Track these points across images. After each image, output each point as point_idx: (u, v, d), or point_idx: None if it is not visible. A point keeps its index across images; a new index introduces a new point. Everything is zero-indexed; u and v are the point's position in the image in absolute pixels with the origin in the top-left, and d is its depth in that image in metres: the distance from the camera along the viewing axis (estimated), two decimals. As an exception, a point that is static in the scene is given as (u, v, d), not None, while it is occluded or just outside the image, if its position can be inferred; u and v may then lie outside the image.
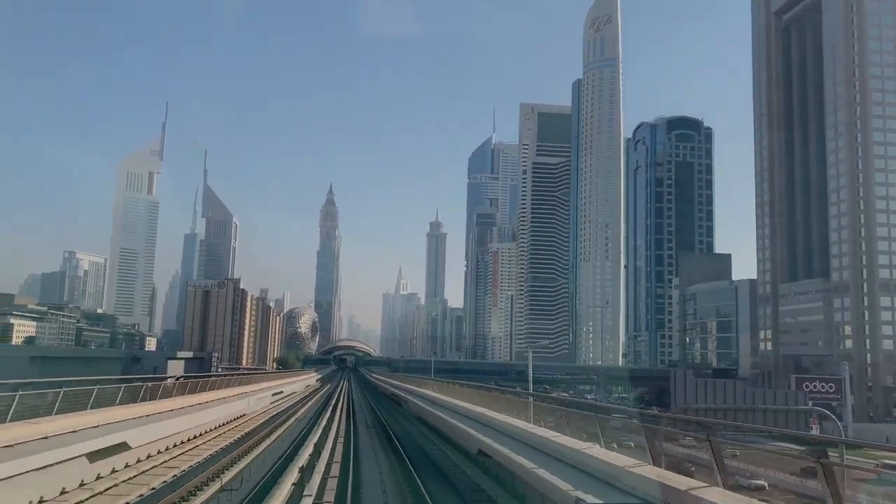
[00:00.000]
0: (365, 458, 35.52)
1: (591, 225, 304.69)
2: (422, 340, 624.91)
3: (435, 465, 33.92)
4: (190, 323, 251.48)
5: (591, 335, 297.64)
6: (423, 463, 33.49)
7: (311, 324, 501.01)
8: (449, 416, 36.45)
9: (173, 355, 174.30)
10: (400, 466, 31.62)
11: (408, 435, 46.59)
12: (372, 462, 34.26)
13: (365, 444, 41.03)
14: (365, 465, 32.75)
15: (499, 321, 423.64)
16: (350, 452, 34.86)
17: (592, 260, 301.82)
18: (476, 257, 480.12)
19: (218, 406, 36.89)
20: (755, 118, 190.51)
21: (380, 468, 32.14)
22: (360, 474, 29.59)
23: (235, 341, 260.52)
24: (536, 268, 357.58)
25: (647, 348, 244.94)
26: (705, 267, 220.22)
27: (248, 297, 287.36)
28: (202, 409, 33.98)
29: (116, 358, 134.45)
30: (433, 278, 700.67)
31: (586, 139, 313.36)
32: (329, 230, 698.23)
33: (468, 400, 35.99)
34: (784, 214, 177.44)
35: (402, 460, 33.09)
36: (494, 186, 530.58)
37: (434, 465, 33.93)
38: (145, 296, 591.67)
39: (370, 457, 36.05)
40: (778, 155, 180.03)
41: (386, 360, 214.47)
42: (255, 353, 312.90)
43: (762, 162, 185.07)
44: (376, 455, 36.78)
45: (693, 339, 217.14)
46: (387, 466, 32.72)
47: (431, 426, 44.00)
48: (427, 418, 46.46)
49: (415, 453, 36.65)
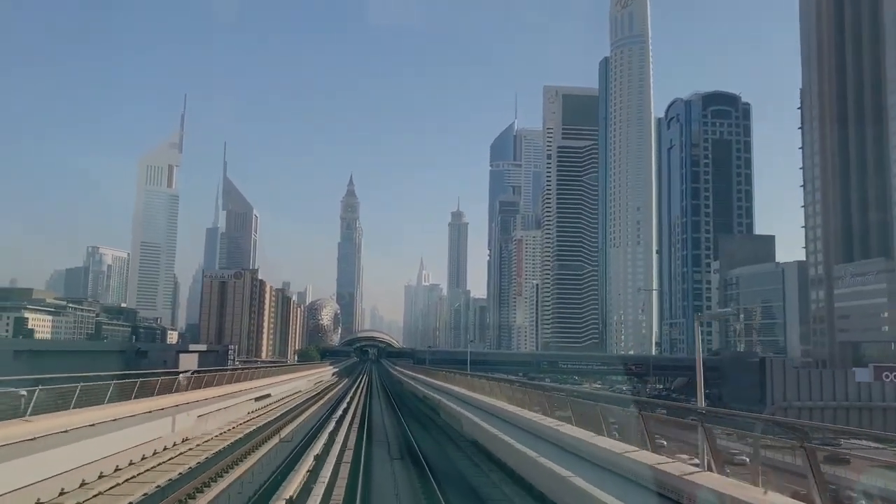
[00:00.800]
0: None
1: (621, 209, 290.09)
2: (445, 331, 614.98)
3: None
4: (207, 315, 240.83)
5: (623, 324, 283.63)
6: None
7: (333, 316, 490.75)
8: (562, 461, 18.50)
9: (185, 348, 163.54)
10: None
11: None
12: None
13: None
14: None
15: (524, 311, 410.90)
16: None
17: (623, 245, 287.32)
18: (499, 246, 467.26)
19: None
20: (804, 89, 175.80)
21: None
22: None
23: (254, 334, 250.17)
24: (563, 255, 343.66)
25: (684, 336, 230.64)
26: (747, 249, 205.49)
27: (267, 288, 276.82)
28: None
29: (119, 352, 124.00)
30: (455, 268, 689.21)
31: (615, 120, 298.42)
32: (350, 221, 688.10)
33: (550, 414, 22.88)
34: (837, 191, 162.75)
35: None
36: (517, 174, 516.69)
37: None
38: (168, 290, 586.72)
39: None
40: (830, 128, 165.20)
41: (410, 352, 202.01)
42: (276, 346, 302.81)
43: (812, 134, 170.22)
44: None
45: (735, 326, 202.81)
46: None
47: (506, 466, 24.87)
48: (504, 457, 25.56)
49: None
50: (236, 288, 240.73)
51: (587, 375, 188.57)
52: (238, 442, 29.31)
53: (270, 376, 53.80)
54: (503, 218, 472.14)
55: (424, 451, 30.45)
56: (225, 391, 34.12)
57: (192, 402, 27.78)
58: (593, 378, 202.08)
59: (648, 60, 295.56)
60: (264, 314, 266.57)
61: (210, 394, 31.61)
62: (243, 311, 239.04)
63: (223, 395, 33.18)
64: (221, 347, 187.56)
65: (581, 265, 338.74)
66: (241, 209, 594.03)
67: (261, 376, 49.08)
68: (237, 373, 41.18)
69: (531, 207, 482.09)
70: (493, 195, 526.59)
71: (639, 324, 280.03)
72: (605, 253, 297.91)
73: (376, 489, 22.98)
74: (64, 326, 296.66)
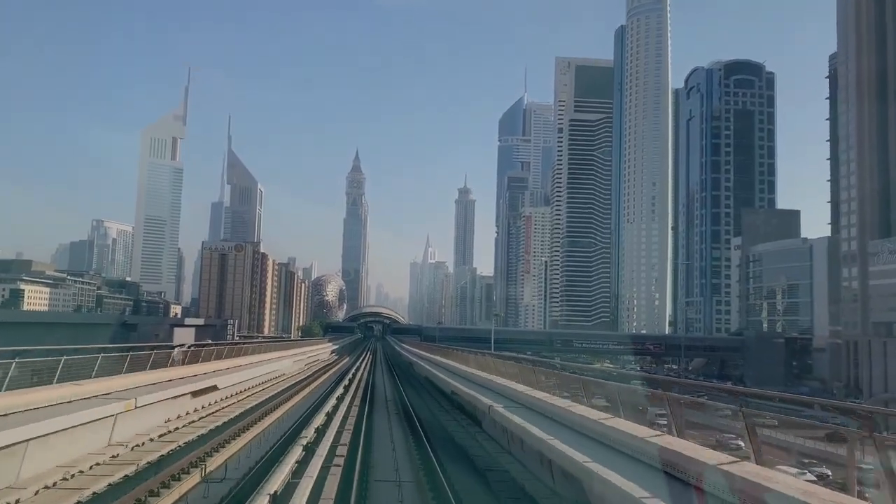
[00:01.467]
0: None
1: (636, 184, 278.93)
2: (450, 309, 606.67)
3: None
4: (206, 289, 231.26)
5: (636, 302, 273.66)
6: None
7: (339, 292, 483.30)
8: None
9: (181, 321, 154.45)
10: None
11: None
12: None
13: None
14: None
15: (532, 288, 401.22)
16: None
17: (637, 221, 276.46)
18: (507, 223, 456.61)
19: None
20: (838, 57, 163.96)
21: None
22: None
23: (256, 309, 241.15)
24: (573, 232, 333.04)
25: (701, 316, 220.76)
26: (771, 225, 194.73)
27: (270, 262, 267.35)
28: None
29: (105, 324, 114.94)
30: (462, 246, 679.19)
31: (630, 90, 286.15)
32: (356, 197, 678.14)
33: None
34: (875, 163, 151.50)
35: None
36: (526, 149, 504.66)
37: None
38: (172, 264, 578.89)
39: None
40: (866, 97, 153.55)
41: (416, 328, 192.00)
42: (279, 322, 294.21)
43: (847, 103, 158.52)
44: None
45: (757, 305, 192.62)
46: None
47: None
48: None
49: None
50: (237, 261, 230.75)
51: (600, 355, 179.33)
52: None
53: (242, 355, 42.60)
54: (511, 194, 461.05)
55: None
56: (143, 380, 23.82)
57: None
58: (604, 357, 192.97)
59: (667, 28, 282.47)
60: (266, 289, 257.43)
61: (111, 385, 21.55)
62: (244, 285, 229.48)
63: (128, 387, 22.79)
64: (220, 321, 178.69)
65: (592, 242, 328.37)
66: (245, 183, 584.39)
67: (230, 355, 38.49)
68: (190, 352, 30.67)
69: (540, 184, 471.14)
70: (501, 171, 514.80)
71: (652, 302, 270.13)
72: (618, 229, 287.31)
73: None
74: (62, 299, 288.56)
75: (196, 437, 23.52)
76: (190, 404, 27.24)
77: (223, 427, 25.73)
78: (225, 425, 26.25)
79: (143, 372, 25.05)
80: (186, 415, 26.66)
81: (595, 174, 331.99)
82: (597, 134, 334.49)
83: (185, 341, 78.41)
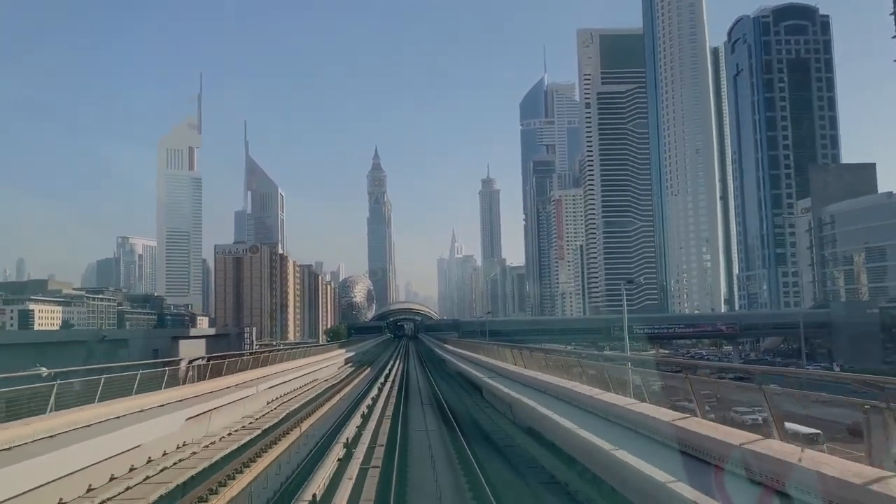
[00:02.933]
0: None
1: (678, 153, 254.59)
2: (481, 303, 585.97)
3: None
4: (222, 295, 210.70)
5: (685, 280, 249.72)
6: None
7: (367, 292, 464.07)
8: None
9: (185, 333, 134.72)
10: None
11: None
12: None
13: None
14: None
15: (567, 275, 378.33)
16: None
17: (682, 193, 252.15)
18: (536, 209, 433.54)
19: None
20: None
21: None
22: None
23: (277, 314, 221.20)
24: (609, 211, 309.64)
25: (766, 290, 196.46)
26: (844, 182, 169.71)
27: (290, 264, 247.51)
28: None
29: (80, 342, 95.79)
30: (489, 238, 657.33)
31: (664, 53, 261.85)
32: (378, 196, 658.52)
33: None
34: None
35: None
36: (550, 131, 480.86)
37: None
38: (198, 275, 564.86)
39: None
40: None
41: (452, 323, 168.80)
42: (305, 326, 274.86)
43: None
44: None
45: (835, 273, 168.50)
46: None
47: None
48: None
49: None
50: (252, 264, 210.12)
51: (660, 342, 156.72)
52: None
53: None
54: (538, 179, 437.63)
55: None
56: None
57: None
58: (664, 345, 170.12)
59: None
60: (289, 292, 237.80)
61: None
62: (262, 289, 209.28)
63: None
64: (235, 329, 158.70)
65: (630, 220, 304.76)
66: (265, 189, 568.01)
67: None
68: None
69: (567, 166, 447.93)
70: (525, 156, 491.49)
71: (704, 279, 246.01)
72: (661, 204, 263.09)
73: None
74: (78, 317, 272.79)
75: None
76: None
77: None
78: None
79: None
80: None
81: (629, 148, 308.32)
82: (628, 105, 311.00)
83: (194, 355, 58.54)
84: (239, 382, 32.18)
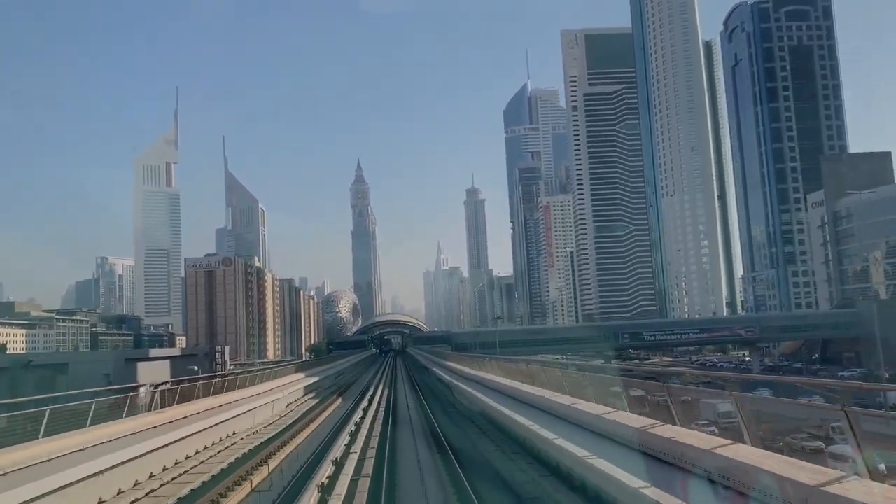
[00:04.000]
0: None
1: (672, 152, 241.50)
2: (469, 315, 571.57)
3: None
4: (194, 313, 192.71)
5: (685, 283, 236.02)
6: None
7: (352, 307, 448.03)
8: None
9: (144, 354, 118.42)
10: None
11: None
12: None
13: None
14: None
15: (558, 282, 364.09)
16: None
17: (679, 193, 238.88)
18: (523, 216, 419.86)
19: None
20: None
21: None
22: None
23: (255, 331, 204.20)
24: (600, 216, 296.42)
25: (775, 291, 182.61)
26: (859, 172, 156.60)
27: (268, 278, 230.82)
28: None
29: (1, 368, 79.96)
30: (475, 248, 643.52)
31: (655, 48, 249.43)
32: (361, 209, 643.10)
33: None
34: None
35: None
36: (535, 138, 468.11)
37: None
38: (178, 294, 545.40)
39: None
40: None
41: (444, 335, 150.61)
42: (286, 344, 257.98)
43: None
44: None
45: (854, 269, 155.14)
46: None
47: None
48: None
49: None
50: (226, 277, 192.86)
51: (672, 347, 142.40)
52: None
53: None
54: (524, 186, 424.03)
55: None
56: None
57: None
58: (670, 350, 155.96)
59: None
60: (267, 307, 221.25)
61: None
62: (237, 305, 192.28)
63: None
64: (202, 349, 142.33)
65: (623, 224, 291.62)
66: (245, 204, 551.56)
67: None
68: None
69: (553, 172, 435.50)
70: (510, 164, 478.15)
71: (704, 282, 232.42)
72: (657, 205, 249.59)
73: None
74: (44, 340, 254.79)
75: None
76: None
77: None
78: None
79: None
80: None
81: (618, 150, 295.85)
82: (616, 107, 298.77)
83: (155, 380, 43.12)
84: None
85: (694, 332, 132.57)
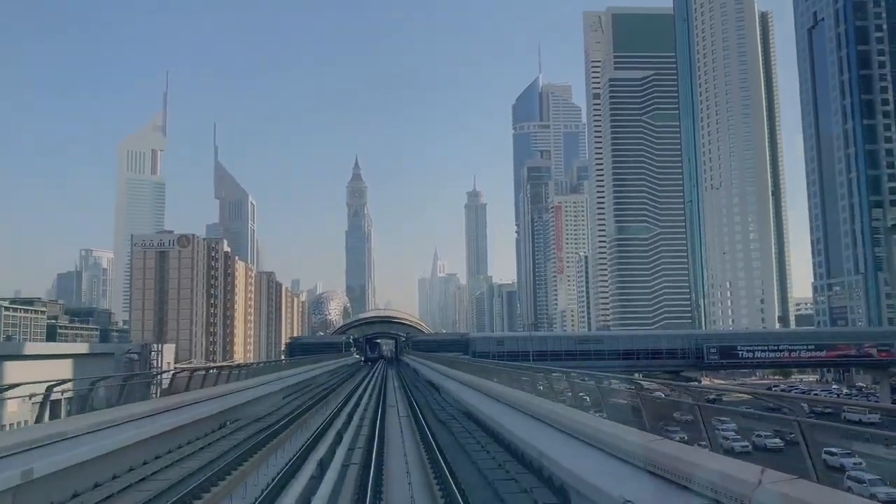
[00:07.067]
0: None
1: (721, 140, 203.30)
2: (466, 323, 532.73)
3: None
4: (140, 301, 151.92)
5: (730, 293, 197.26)
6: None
7: (343, 309, 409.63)
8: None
9: (16, 352, 78.81)
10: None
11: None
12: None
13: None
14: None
15: (568, 290, 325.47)
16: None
17: (726, 186, 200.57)
18: (531, 218, 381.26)
19: None
20: None
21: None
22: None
23: (219, 327, 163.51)
24: (622, 215, 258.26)
25: (861, 303, 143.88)
26: None
27: (241, 267, 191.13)
28: None
29: None
30: (474, 254, 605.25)
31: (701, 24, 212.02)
32: (357, 208, 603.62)
33: None
34: None
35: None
36: (545, 136, 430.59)
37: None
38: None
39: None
40: None
41: (460, 339, 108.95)
42: (261, 343, 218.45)
43: None
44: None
45: None
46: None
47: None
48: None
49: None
50: (182, 261, 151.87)
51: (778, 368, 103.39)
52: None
53: None
54: (532, 186, 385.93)
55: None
56: None
57: None
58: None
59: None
60: (237, 301, 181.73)
61: None
62: (195, 294, 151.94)
63: None
64: (127, 347, 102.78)
65: (647, 226, 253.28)
66: (235, 197, 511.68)
67: None
68: None
69: (563, 173, 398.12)
70: (518, 162, 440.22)
71: (753, 291, 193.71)
72: (696, 200, 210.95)
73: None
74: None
75: None
76: None
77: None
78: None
79: None
80: None
81: (645, 143, 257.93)
82: (645, 94, 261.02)
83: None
84: None
85: (806, 349, 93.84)
